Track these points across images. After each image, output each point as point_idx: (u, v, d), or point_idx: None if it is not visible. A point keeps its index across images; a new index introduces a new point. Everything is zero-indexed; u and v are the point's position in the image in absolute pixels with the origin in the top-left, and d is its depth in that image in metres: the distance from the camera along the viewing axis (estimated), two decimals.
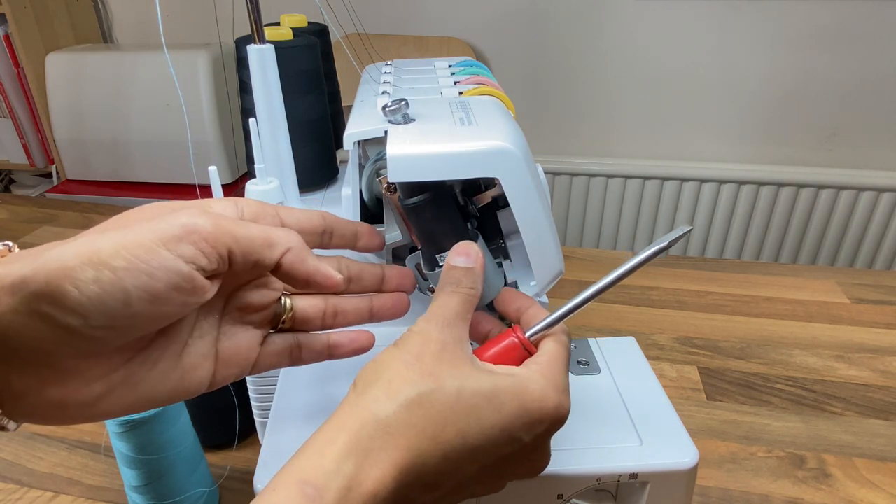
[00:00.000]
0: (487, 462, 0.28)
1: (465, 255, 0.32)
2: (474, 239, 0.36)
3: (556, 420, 0.29)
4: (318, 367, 0.44)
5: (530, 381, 0.28)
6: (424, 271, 0.38)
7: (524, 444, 0.28)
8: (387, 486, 0.25)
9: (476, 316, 0.34)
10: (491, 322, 0.36)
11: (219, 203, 0.29)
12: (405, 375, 0.27)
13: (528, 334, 0.32)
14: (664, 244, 0.30)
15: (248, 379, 0.49)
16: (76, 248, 0.23)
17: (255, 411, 0.51)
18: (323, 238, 0.34)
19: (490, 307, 0.37)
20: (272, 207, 0.31)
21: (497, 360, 0.31)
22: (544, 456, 0.30)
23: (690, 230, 0.30)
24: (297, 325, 0.33)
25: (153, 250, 0.23)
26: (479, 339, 0.36)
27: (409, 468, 0.25)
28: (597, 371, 0.45)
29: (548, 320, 0.32)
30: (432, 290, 0.34)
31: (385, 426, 0.25)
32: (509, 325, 0.36)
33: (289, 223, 0.32)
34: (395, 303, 0.36)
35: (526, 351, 0.32)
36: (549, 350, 0.31)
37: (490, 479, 0.29)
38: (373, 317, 0.35)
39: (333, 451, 0.25)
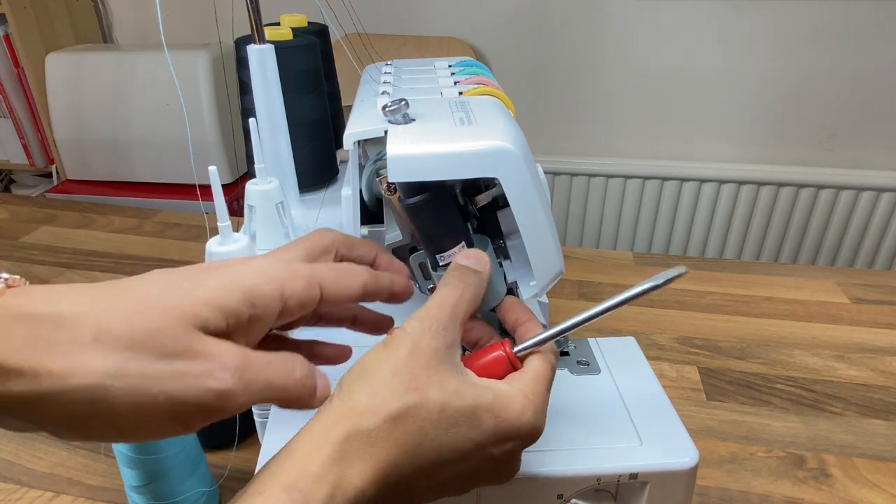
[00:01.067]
0: (458, 471, 0.29)
1: (474, 259, 0.33)
2: (467, 238, 0.36)
3: (528, 438, 0.30)
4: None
5: (511, 400, 0.29)
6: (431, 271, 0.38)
7: (494, 457, 0.29)
8: (366, 493, 0.26)
9: (469, 322, 0.35)
10: (482, 330, 0.36)
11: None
12: (391, 385, 0.27)
13: (516, 349, 0.32)
14: (660, 282, 0.31)
15: None
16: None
17: (255, 411, 0.51)
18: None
19: (490, 313, 0.37)
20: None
21: (483, 371, 0.32)
22: (512, 467, 0.32)
23: (687, 272, 0.31)
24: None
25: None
26: (469, 344, 0.36)
27: (388, 477, 0.27)
28: (597, 371, 0.45)
29: (537, 339, 0.32)
30: (432, 290, 0.34)
31: (368, 438, 0.26)
32: (502, 335, 0.36)
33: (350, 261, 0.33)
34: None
35: (511, 365, 0.32)
36: (535, 368, 0.32)
37: (460, 484, 0.30)
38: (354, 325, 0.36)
39: (319, 459, 0.26)
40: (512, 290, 0.40)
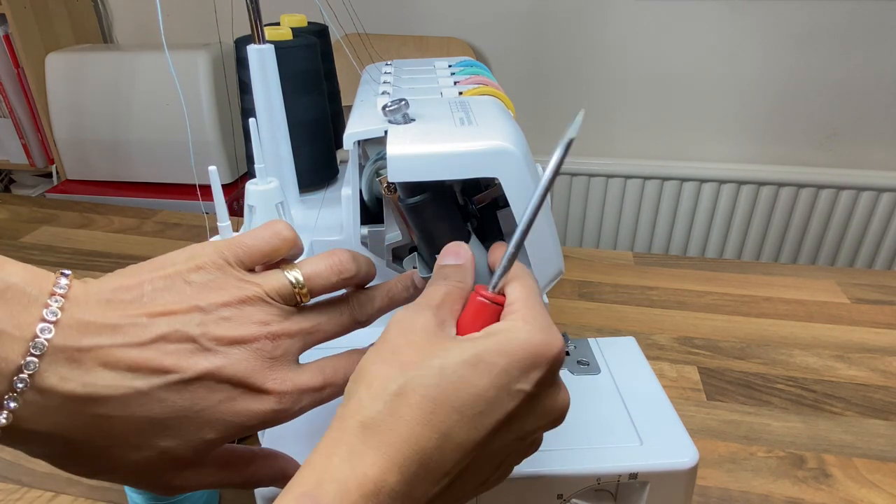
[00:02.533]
0: (495, 425, 0.26)
1: (454, 255, 0.32)
2: (466, 238, 0.36)
3: (551, 359, 0.28)
4: None
5: (513, 331, 0.27)
6: (422, 276, 0.38)
7: (529, 394, 0.27)
8: (388, 483, 0.24)
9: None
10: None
11: None
12: (384, 373, 0.26)
13: (490, 288, 0.31)
14: (573, 135, 0.29)
15: None
16: None
17: None
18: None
19: None
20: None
21: (473, 326, 0.30)
22: (558, 398, 0.29)
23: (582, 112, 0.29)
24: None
25: None
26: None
27: (409, 459, 0.25)
28: (597, 371, 0.45)
29: (501, 266, 0.31)
30: None
31: (374, 426, 0.25)
32: None
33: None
34: None
35: (495, 304, 0.30)
36: (519, 296, 0.30)
37: (509, 440, 0.28)
38: None
39: (330, 462, 0.25)
40: None
